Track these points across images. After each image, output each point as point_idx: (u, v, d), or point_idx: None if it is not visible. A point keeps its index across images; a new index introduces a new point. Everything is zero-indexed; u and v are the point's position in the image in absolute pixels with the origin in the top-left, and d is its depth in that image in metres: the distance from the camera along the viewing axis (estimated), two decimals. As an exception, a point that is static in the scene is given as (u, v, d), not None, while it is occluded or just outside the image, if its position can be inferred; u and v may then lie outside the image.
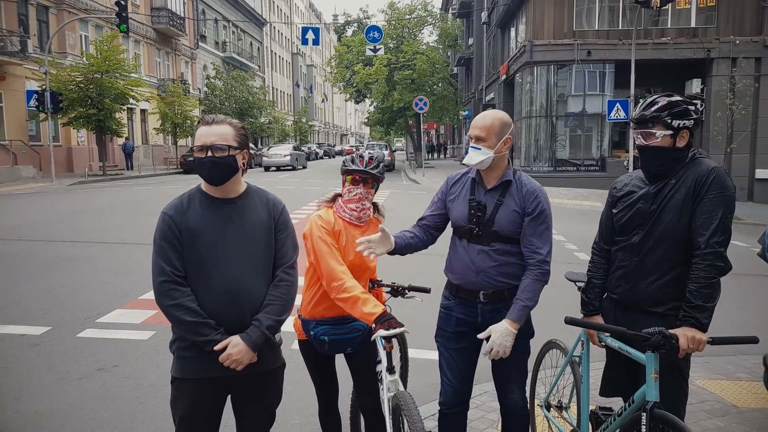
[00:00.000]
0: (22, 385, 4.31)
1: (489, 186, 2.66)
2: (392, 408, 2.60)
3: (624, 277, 2.56)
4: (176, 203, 2.33)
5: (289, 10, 76.04)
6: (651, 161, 2.46)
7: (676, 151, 2.42)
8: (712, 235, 2.30)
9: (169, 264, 2.23)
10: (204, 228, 2.28)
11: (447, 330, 2.77)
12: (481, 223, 2.62)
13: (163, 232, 2.27)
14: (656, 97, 2.46)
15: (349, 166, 2.83)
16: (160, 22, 36.84)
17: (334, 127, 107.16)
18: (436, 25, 36.84)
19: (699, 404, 4.02)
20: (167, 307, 2.24)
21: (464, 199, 2.69)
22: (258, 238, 2.35)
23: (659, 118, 2.39)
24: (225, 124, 2.32)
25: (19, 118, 25.32)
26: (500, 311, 2.62)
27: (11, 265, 8.20)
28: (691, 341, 2.25)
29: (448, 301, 2.79)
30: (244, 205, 2.37)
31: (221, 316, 2.26)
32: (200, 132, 2.29)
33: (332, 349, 2.89)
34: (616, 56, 21.83)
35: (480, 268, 2.62)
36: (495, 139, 2.58)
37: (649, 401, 2.16)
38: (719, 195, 2.34)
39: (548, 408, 3.19)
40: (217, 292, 2.26)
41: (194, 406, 2.31)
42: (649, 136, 2.42)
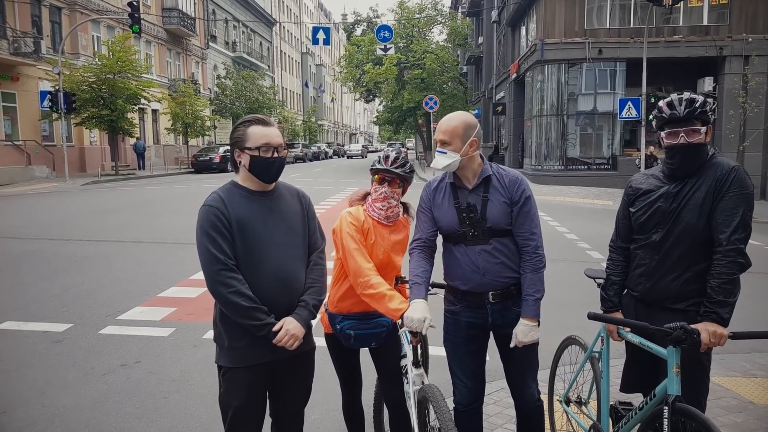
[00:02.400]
0: (48, 381, 4.40)
1: (470, 186, 2.67)
2: (418, 401, 2.66)
3: (645, 275, 2.59)
4: (218, 197, 2.39)
5: (299, 10, 76.23)
6: (695, 159, 2.45)
7: (707, 146, 2.47)
8: (734, 232, 2.34)
9: (222, 253, 2.30)
10: (250, 219, 2.38)
11: (457, 335, 2.78)
12: (475, 223, 2.62)
13: (211, 222, 2.32)
14: (690, 94, 2.46)
15: (375, 166, 2.91)
16: (171, 23, 37.07)
17: (343, 127, 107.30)
18: (446, 24, 36.82)
19: (716, 400, 4.05)
20: (226, 294, 2.29)
21: (450, 205, 2.68)
22: (296, 226, 2.52)
23: (701, 114, 2.40)
24: (275, 125, 2.47)
25: (33, 118, 25.59)
26: (509, 309, 2.66)
27: (30, 264, 8.33)
28: (713, 336, 2.29)
29: (453, 306, 2.79)
30: (279, 197, 2.50)
31: (273, 301, 2.38)
32: (260, 132, 2.39)
33: (357, 344, 2.95)
34: (627, 54, 21.75)
35: (485, 269, 2.63)
36: (460, 143, 2.60)
37: (670, 395, 2.19)
38: (740, 194, 2.38)
39: (568, 403, 3.23)
40: (269, 279, 2.38)
41: (250, 393, 2.41)
42: (693, 134, 2.42)
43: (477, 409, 2.83)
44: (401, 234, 2.97)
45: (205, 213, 2.35)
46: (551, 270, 3.18)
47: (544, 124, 23.99)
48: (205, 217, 2.35)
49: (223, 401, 2.44)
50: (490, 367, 2.94)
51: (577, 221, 13.27)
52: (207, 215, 2.34)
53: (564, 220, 13.30)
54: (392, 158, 2.90)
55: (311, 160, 49.85)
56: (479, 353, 2.80)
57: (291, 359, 2.48)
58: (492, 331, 2.76)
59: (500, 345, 2.74)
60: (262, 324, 2.32)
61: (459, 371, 2.80)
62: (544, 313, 2.68)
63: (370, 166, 2.96)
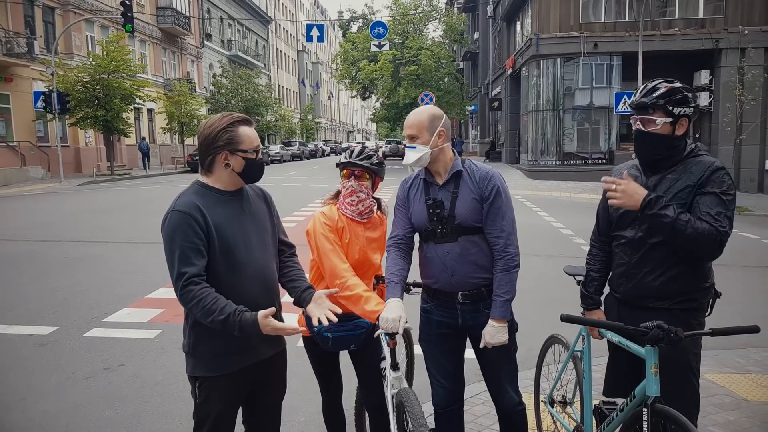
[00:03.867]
0: (29, 385, 4.33)
1: (441, 182, 2.60)
2: (396, 405, 2.59)
3: (625, 275, 2.51)
4: (191, 202, 2.24)
5: (294, 8, 76.01)
6: (648, 148, 2.40)
7: (674, 140, 2.36)
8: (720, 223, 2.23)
9: (189, 265, 2.15)
10: (227, 221, 2.28)
11: (430, 335, 2.72)
12: (443, 219, 2.55)
13: (183, 232, 2.17)
14: (657, 82, 2.38)
15: (340, 160, 2.84)
16: (166, 22, 36.94)
17: (340, 124, 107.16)
18: (441, 20, 36.72)
19: (709, 398, 3.97)
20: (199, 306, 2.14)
21: (421, 201, 2.62)
22: (265, 225, 2.45)
23: (659, 104, 2.32)
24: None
25: (27, 119, 25.46)
26: (480, 311, 2.59)
27: (20, 266, 8.26)
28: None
29: (426, 304, 2.74)
30: (247, 197, 2.41)
31: (258, 302, 2.29)
32: (248, 133, 2.30)
33: (336, 346, 2.87)
34: (623, 48, 21.67)
35: (454, 269, 2.56)
36: (428, 135, 2.55)
37: (649, 396, 2.12)
38: (723, 192, 2.28)
39: (552, 404, 3.16)
40: (250, 280, 2.31)
41: (230, 401, 2.34)
42: (648, 123, 2.36)
43: (456, 411, 2.77)
44: (377, 231, 2.90)
45: (177, 221, 2.19)
46: (546, 266, 3.10)
47: (540, 119, 23.92)
48: (176, 225, 2.19)
49: (200, 413, 2.32)
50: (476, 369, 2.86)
51: (573, 216, 13.20)
52: (179, 223, 2.18)
53: (560, 216, 13.24)
54: (357, 151, 2.83)
55: (308, 158, 49.77)
56: (454, 353, 2.73)
57: (268, 361, 2.42)
58: (467, 333, 2.69)
59: (474, 347, 2.67)
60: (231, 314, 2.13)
61: (435, 371, 2.74)
62: (537, 310, 2.60)
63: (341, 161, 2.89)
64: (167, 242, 2.21)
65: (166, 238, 2.21)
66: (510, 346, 2.62)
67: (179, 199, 2.27)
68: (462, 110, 39.43)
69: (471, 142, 47.88)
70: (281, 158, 42.41)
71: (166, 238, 2.21)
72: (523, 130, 27.34)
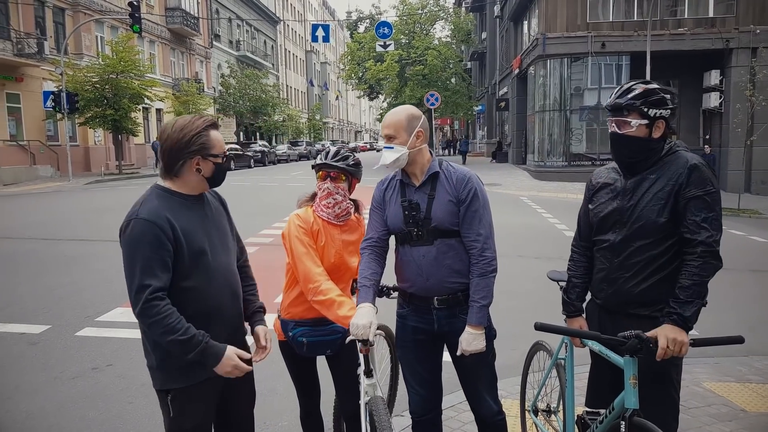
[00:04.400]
0: (16, 384, 4.31)
1: (417, 183, 2.53)
2: (369, 413, 2.52)
3: (605, 280, 2.42)
4: (154, 209, 2.12)
5: (303, 8, 76.11)
6: (623, 150, 2.33)
7: (651, 142, 2.28)
8: (709, 235, 2.17)
9: (152, 278, 2.05)
10: (194, 226, 2.21)
11: (406, 340, 2.65)
12: (418, 222, 2.48)
13: (149, 242, 2.06)
14: (632, 83, 2.32)
15: (314, 162, 2.78)
16: (175, 22, 37.09)
17: (348, 124, 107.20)
18: (448, 20, 36.60)
19: (705, 408, 3.87)
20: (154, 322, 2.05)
21: (396, 203, 2.55)
22: (225, 229, 2.39)
23: (634, 106, 2.25)
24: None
25: (37, 118, 25.67)
26: (456, 316, 2.51)
27: (18, 264, 8.28)
28: (672, 343, 2.10)
29: (402, 309, 2.67)
30: (207, 201, 2.35)
31: (226, 311, 2.27)
32: (218, 137, 2.24)
33: (311, 351, 2.82)
34: (631, 48, 21.44)
35: (429, 273, 2.49)
36: (405, 135, 2.48)
37: (627, 408, 2.04)
38: (708, 193, 2.20)
39: (536, 413, 3.07)
40: (220, 284, 2.26)
41: (205, 410, 2.27)
42: (623, 125, 2.28)
43: (434, 420, 2.69)
44: (354, 234, 2.83)
45: (142, 230, 2.07)
46: (545, 269, 3.00)
47: (547, 119, 23.75)
48: (140, 234, 2.06)
49: (175, 427, 2.23)
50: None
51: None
52: (144, 232, 2.06)
53: (563, 218, 13.10)
54: (332, 152, 2.77)
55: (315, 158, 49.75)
56: (430, 360, 2.66)
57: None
58: (444, 340, 2.62)
59: (451, 354, 2.59)
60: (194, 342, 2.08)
61: (411, 378, 2.67)
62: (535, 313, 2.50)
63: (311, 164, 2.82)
64: (129, 251, 2.09)
65: (128, 246, 2.09)
66: (488, 353, 2.54)
67: (142, 207, 2.14)
68: (469, 110, 39.27)
69: (478, 142, 47.68)
70: (288, 158, 42.43)
71: (128, 246, 2.09)
72: (529, 131, 27.18)
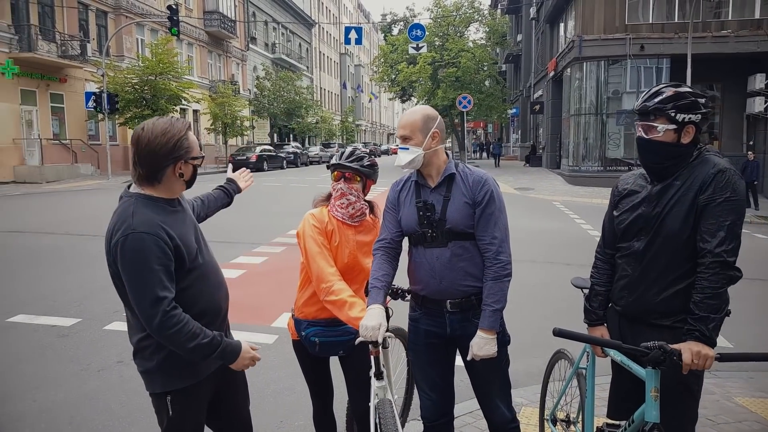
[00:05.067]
0: (44, 375, 4.42)
1: (433, 184, 2.51)
2: (378, 415, 2.49)
3: (627, 287, 2.34)
4: (148, 219, 2.05)
5: (338, 11, 76.66)
6: (649, 156, 2.25)
7: (679, 147, 2.18)
8: (720, 243, 2.08)
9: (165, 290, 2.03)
10: (183, 230, 2.19)
11: (418, 344, 2.61)
12: (433, 223, 2.45)
13: (156, 256, 2.01)
14: (662, 86, 2.23)
15: (329, 163, 2.77)
16: (212, 25, 37.77)
17: (381, 126, 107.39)
18: (483, 22, 36.34)
19: (735, 424, 3.71)
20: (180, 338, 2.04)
21: (411, 203, 2.52)
22: (199, 230, 2.35)
23: (662, 110, 2.16)
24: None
25: (79, 118, 26.50)
26: (469, 320, 2.47)
27: (54, 259, 8.52)
28: (696, 356, 2.01)
29: (414, 312, 2.63)
30: (182, 203, 2.31)
31: (221, 308, 2.28)
32: (194, 138, 2.19)
33: (323, 352, 2.80)
34: (671, 50, 20.89)
35: (443, 275, 2.45)
36: (421, 136, 2.45)
37: (647, 422, 1.97)
38: (727, 200, 2.11)
39: (554, 422, 2.99)
40: (216, 285, 2.27)
41: (201, 409, 2.27)
42: (650, 130, 2.21)
43: (446, 426, 2.65)
44: (369, 235, 2.81)
45: (143, 243, 1.99)
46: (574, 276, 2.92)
47: (582, 123, 23.34)
48: (142, 247, 1.99)
49: (174, 428, 2.22)
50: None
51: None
52: (146, 246, 2.00)
53: (597, 224, 12.80)
54: (347, 153, 2.75)
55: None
56: (442, 365, 2.61)
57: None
58: (456, 344, 2.57)
59: (463, 359, 2.54)
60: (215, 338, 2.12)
61: (422, 382, 2.63)
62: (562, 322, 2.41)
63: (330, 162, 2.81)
64: (134, 267, 2.00)
65: (133, 263, 2.00)
66: (501, 359, 2.48)
67: (135, 219, 2.03)
68: (503, 113, 38.90)
69: (512, 146, 47.21)
70: (320, 159, 42.77)
71: (133, 263, 2.00)
72: (564, 135, 26.76)
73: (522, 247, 8.86)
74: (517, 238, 4.67)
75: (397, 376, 3.44)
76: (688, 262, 2.19)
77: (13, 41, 22.47)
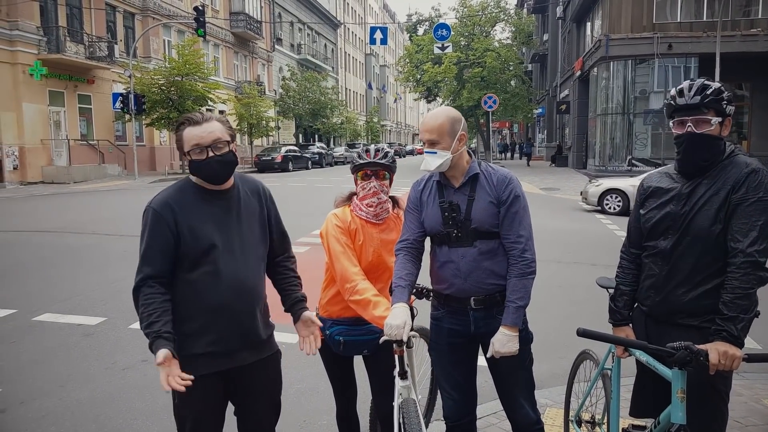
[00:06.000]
0: (70, 373, 4.48)
1: (457, 184, 2.49)
2: (402, 415, 2.47)
3: (654, 287, 2.31)
4: (166, 198, 2.20)
5: (363, 11, 76.84)
6: (700, 153, 2.18)
7: (722, 141, 2.18)
8: (752, 243, 2.04)
9: (151, 265, 2.13)
10: (206, 222, 2.20)
11: (439, 343, 2.59)
12: (458, 223, 2.43)
13: (152, 230, 2.16)
14: (702, 81, 2.20)
15: (357, 161, 2.73)
16: (238, 26, 38.15)
17: (406, 127, 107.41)
18: (509, 22, 36.09)
19: (763, 426, 3.61)
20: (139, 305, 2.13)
21: (434, 204, 2.50)
22: (254, 226, 2.34)
23: (713, 102, 2.14)
24: (213, 120, 2.24)
25: (107, 119, 26.97)
26: (494, 317, 2.43)
27: (82, 258, 8.67)
28: (723, 356, 1.98)
29: (437, 311, 2.60)
30: (237, 196, 2.32)
31: (230, 308, 2.23)
32: (193, 133, 2.17)
33: (348, 351, 2.79)
34: (700, 50, 20.55)
35: (468, 273, 2.42)
36: (449, 140, 2.41)
37: (674, 423, 1.92)
38: (760, 200, 2.07)
39: (579, 424, 2.94)
40: (226, 285, 2.22)
41: (206, 404, 2.25)
42: (702, 124, 2.16)
43: (468, 426, 2.62)
44: (392, 232, 2.78)
45: (148, 218, 2.19)
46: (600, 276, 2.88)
47: (609, 123, 23.05)
48: (146, 222, 2.19)
49: (178, 414, 2.28)
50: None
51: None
52: (150, 221, 2.18)
53: (623, 224, 12.63)
54: (374, 150, 2.73)
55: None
56: (465, 364, 2.58)
57: (248, 367, 2.31)
58: (479, 341, 2.54)
59: (486, 358, 2.51)
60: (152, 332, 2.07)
61: (445, 382, 2.60)
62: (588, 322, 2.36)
63: (350, 165, 2.78)
64: (141, 237, 2.20)
65: (141, 233, 2.21)
66: (524, 357, 2.45)
67: (158, 195, 2.24)
68: (529, 113, 38.56)
69: (538, 146, 46.78)
70: (345, 160, 42.91)
71: (141, 233, 2.21)
72: (590, 134, 26.42)
73: (547, 247, 8.76)
74: (542, 239, 4.60)
75: (421, 376, 3.41)
76: (717, 262, 2.15)
77: (42, 43, 22.92)
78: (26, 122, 22.40)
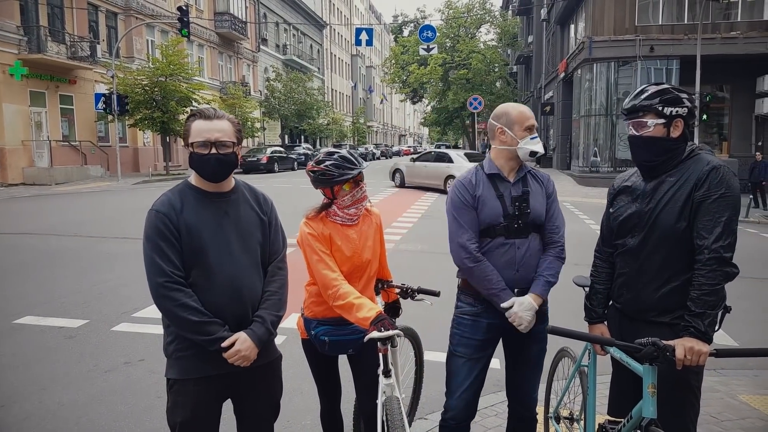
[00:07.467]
0: (51, 376, 4.45)
1: (512, 179, 2.61)
2: (385, 413, 2.49)
3: (625, 285, 2.37)
4: (167, 200, 2.23)
5: (349, 12, 76.80)
6: (642, 152, 2.29)
7: (669, 142, 2.24)
8: (717, 239, 2.10)
9: (168, 263, 2.13)
10: (202, 223, 2.22)
11: (475, 338, 2.64)
12: (523, 215, 2.55)
13: (158, 230, 2.16)
14: (645, 86, 2.31)
15: (346, 174, 2.64)
16: (223, 27, 37.92)
17: (392, 128, 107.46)
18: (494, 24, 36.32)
19: (738, 421, 3.70)
20: (173, 308, 2.13)
21: (492, 197, 2.57)
22: (252, 231, 2.34)
23: (650, 106, 2.23)
24: (225, 119, 2.25)
25: (89, 119, 26.64)
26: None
27: (63, 261, 8.58)
28: (689, 352, 2.03)
29: (473, 307, 2.65)
30: (237, 200, 2.33)
31: (224, 312, 2.22)
32: (201, 127, 2.20)
33: (333, 350, 2.81)
34: (681, 52, 20.81)
35: (521, 265, 2.56)
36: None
37: (644, 417, 1.98)
38: (722, 196, 2.13)
39: (558, 420, 2.99)
40: (220, 287, 2.22)
41: (197, 408, 2.25)
42: (640, 126, 2.26)
43: (468, 426, 2.72)
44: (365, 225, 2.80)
45: (152, 219, 2.19)
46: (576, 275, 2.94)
47: (593, 124, 23.26)
48: (151, 223, 2.19)
49: (169, 417, 2.28)
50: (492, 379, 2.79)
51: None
52: (154, 221, 2.18)
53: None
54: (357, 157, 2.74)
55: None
56: (488, 360, 2.70)
57: (250, 371, 2.30)
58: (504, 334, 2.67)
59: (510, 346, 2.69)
60: (212, 339, 2.15)
61: (464, 379, 2.65)
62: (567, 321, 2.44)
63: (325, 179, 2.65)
64: (144, 240, 2.19)
65: (144, 235, 2.20)
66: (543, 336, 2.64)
67: (159, 198, 2.26)
68: (513, 115, 38.78)
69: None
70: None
71: (144, 235, 2.20)
72: (574, 136, 26.66)
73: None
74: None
75: (405, 375, 3.44)
76: (684, 259, 2.20)
77: (23, 42, 22.57)
78: (6, 123, 22.06)
